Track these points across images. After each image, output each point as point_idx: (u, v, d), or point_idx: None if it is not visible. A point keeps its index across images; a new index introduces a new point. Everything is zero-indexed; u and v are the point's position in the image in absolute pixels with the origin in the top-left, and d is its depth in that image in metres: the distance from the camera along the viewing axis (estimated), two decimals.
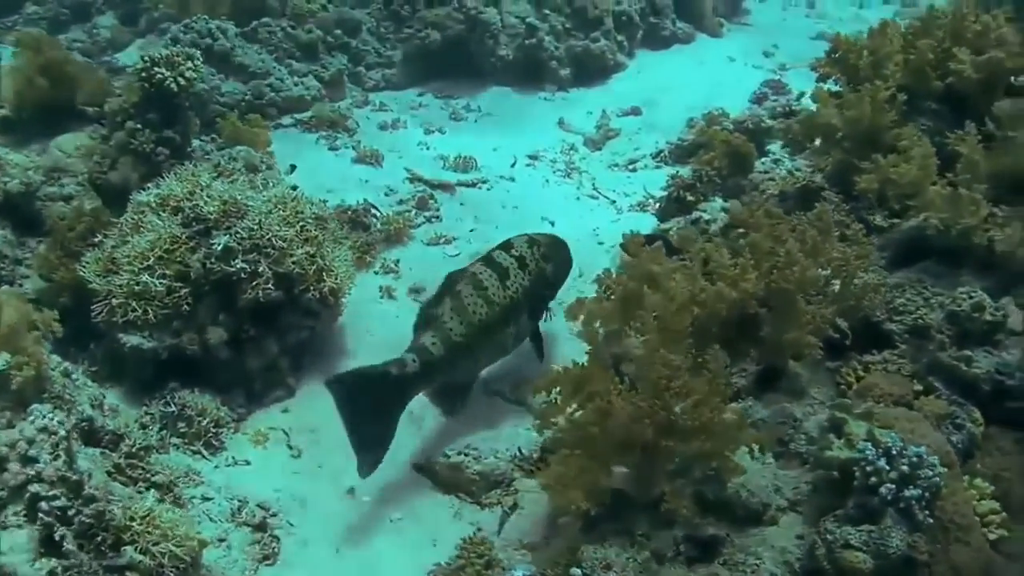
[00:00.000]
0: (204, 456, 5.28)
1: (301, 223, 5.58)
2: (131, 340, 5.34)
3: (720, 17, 11.12)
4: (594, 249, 7.06)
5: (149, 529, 4.12)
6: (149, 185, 5.81)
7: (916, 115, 5.85)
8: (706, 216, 6.38)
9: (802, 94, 8.24)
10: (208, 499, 4.98)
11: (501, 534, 4.90)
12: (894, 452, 3.73)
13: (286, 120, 8.32)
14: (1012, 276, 4.95)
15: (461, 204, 7.59)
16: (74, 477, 4.07)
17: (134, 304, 5.31)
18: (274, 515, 5.00)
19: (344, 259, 5.75)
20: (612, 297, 4.88)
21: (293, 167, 7.59)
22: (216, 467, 5.24)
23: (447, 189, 7.63)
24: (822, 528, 3.78)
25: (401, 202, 7.41)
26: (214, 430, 5.35)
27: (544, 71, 9.56)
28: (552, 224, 7.16)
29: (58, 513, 3.97)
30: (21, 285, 5.87)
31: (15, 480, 4.00)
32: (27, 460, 4.04)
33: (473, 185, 7.78)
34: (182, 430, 5.29)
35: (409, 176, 7.74)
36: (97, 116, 6.76)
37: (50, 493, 3.99)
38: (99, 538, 3.98)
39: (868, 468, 3.73)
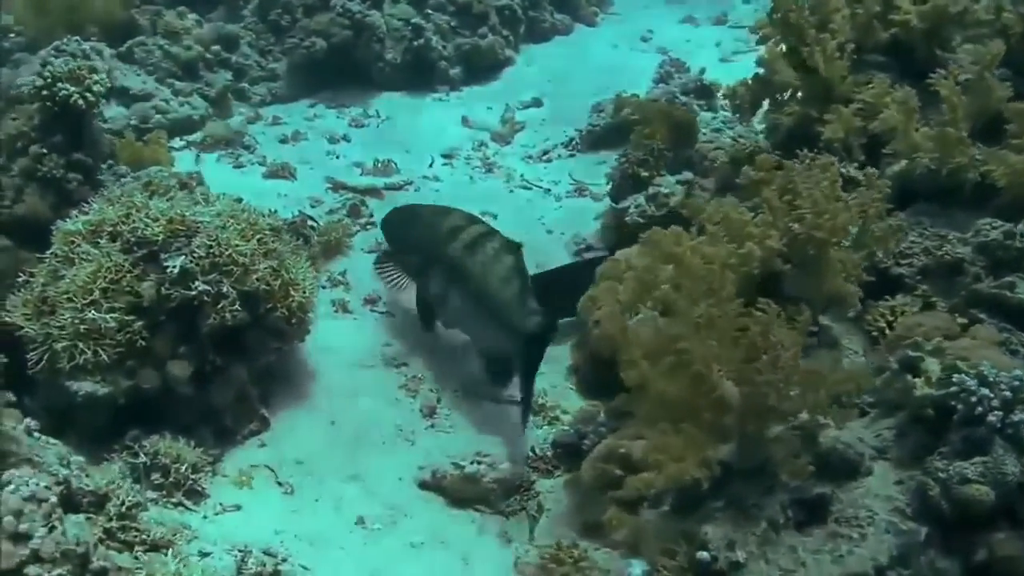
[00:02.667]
0: (188, 507, 4.67)
1: (258, 236, 5.01)
2: (83, 387, 4.69)
3: (593, 7, 10.89)
4: (545, 238, 6.88)
5: None
6: (75, 212, 5.12)
7: (864, 68, 5.76)
8: (664, 190, 6.14)
9: (703, 70, 8.31)
10: (207, 554, 4.37)
11: (534, 540, 4.61)
12: (991, 380, 3.53)
13: (176, 143, 7.63)
14: (1004, 209, 4.86)
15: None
16: (79, 550, 3.45)
17: (81, 346, 4.64)
18: (284, 560, 4.42)
19: (306, 271, 5.19)
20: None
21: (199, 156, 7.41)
22: (205, 517, 4.66)
23: (375, 194, 7.14)
24: (931, 468, 3.54)
25: (331, 211, 6.95)
26: (193, 476, 4.72)
27: (434, 72, 9.19)
28: (495, 217, 6.78)
29: None
30: None
31: (8, 563, 3.36)
32: (18, 537, 3.41)
33: (400, 188, 7.39)
34: (157, 481, 4.67)
35: (331, 185, 7.24)
36: None
37: (54, 573, 3.38)
38: None
39: (972, 399, 3.51)
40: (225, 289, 4.77)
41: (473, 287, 5.34)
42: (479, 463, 4.88)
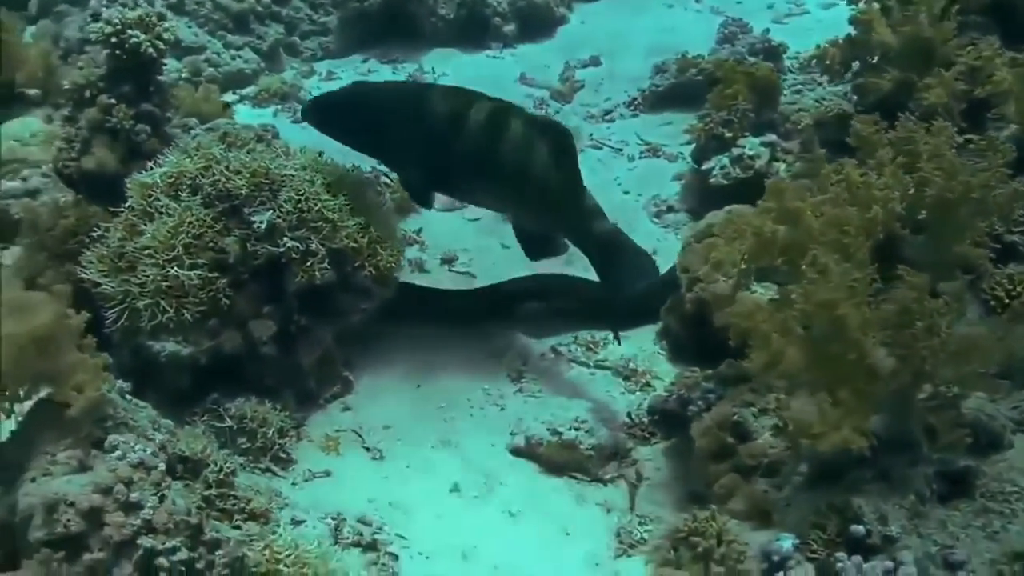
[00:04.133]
0: (276, 473, 4.47)
1: (344, 191, 4.77)
2: (166, 347, 4.46)
3: None
4: (622, 199, 6.65)
5: (303, 571, 3.31)
6: (149, 165, 4.88)
7: (963, 30, 5.49)
8: (748, 152, 5.92)
9: (767, 31, 8.09)
10: (300, 522, 4.18)
11: (635, 509, 4.44)
12: None
13: (228, 96, 7.39)
14: None
15: None
16: (192, 520, 3.24)
17: (164, 304, 4.42)
18: (380, 529, 4.21)
19: (392, 228, 4.97)
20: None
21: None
22: (294, 484, 4.47)
23: None
24: None
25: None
26: (280, 441, 4.51)
27: (488, 28, 8.94)
28: None
29: (182, 569, 3.18)
30: None
31: (120, 535, 3.14)
32: (130, 507, 3.19)
33: None
34: (244, 446, 4.45)
35: None
36: (42, 99, 5.73)
37: (168, 545, 3.18)
38: None
39: None
40: (314, 246, 4.56)
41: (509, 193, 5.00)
42: (576, 429, 4.66)
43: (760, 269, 4.35)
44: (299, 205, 4.55)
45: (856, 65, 5.84)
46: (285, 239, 4.51)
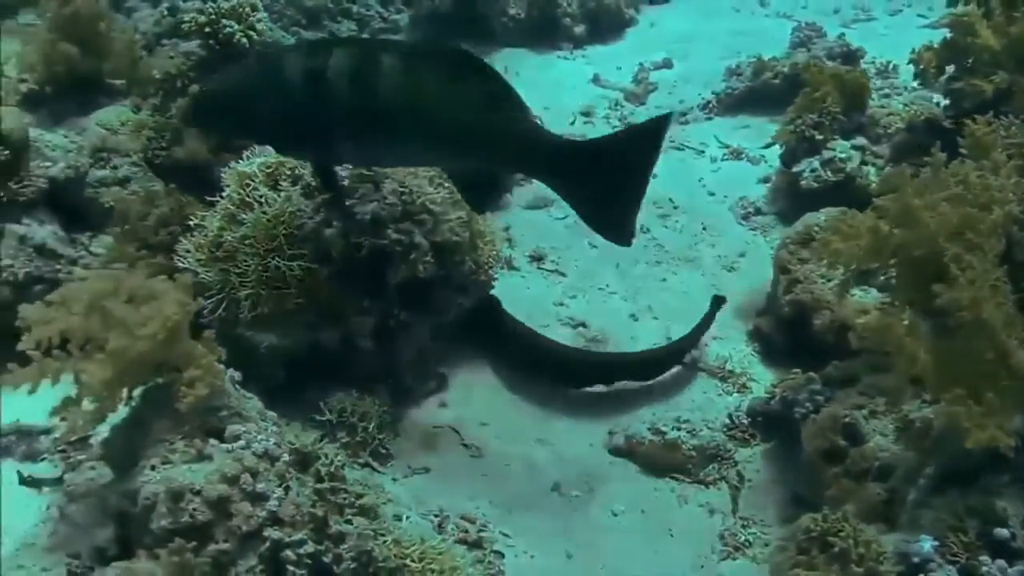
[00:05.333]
0: (376, 468, 4.40)
1: (447, 184, 4.71)
2: (265, 338, 4.39)
3: None
4: (707, 200, 6.60)
5: (430, 566, 3.25)
6: (246, 154, 4.83)
7: None
8: (840, 155, 5.82)
9: (842, 35, 8.11)
10: (401, 518, 4.09)
11: (738, 511, 4.41)
12: None
13: None
14: None
15: None
16: (318, 512, 3.17)
17: (264, 295, 4.35)
18: (484, 527, 4.15)
19: (492, 223, 4.90)
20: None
21: None
22: (394, 479, 4.39)
23: None
24: None
25: None
26: (379, 436, 4.44)
27: (558, 29, 8.88)
28: (654, 177, 6.45)
29: (309, 562, 3.12)
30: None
31: (248, 525, 3.08)
32: (256, 498, 3.13)
33: None
34: (343, 440, 4.38)
35: None
36: (127, 89, 5.70)
37: (294, 537, 3.12)
38: None
39: None
40: (418, 239, 4.48)
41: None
42: (679, 429, 4.60)
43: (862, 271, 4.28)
44: (403, 197, 4.47)
45: (951, 69, 5.71)
46: (389, 231, 4.42)
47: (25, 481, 4.31)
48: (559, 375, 4.95)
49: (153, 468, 3.26)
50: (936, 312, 3.58)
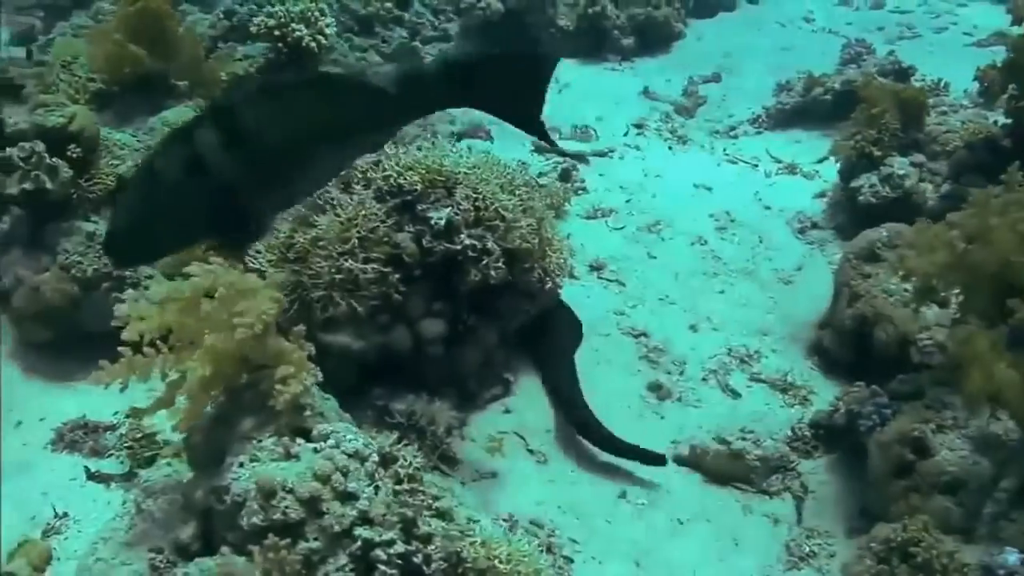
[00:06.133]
0: (445, 472, 4.41)
1: (517, 191, 4.74)
2: (337, 340, 4.42)
3: None
4: (763, 214, 6.60)
5: (518, 569, 3.26)
6: None
7: None
8: (898, 171, 5.84)
9: (892, 52, 8.15)
10: (475, 521, 4.09)
11: (802, 522, 4.41)
12: None
13: None
14: None
15: (600, 175, 6.93)
16: (408, 513, 3.19)
17: (337, 297, 4.39)
18: (553, 532, 4.17)
19: (559, 230, 4.93)
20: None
21: None
22: (463, 483, 4.41)
23: (580, 159, 6.89)
24: None
25: (540, 174, 6.63)
26: (447, 440, 4.47)
27: (607, 40, 8.94)
28: (709, 190, 6.57)
29: (399, 562, 3.10)
30: (146, 287, 4.85)
31: (340, 525, 3.10)
32: (347, 497, 3.15)
33: (604, 155, 7.12)
34: (413, 444, 4.39)
35: (534, 147, 6.97)
36: (189, 90, 5.76)
37: (385, 537, 3.11)
38: None
39: None
40: (490, 245, 4.51)
41: None
42: (744, 439, 4.61)
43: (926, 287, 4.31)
44: (476, 203, 4.50)
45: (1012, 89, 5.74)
46: (462, 237, 4.45)
47: (93, 476, 4.36)
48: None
49: (241, 465, 3.27)
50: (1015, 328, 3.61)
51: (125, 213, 3.87)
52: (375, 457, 3.31)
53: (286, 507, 3.09)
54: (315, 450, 3.32)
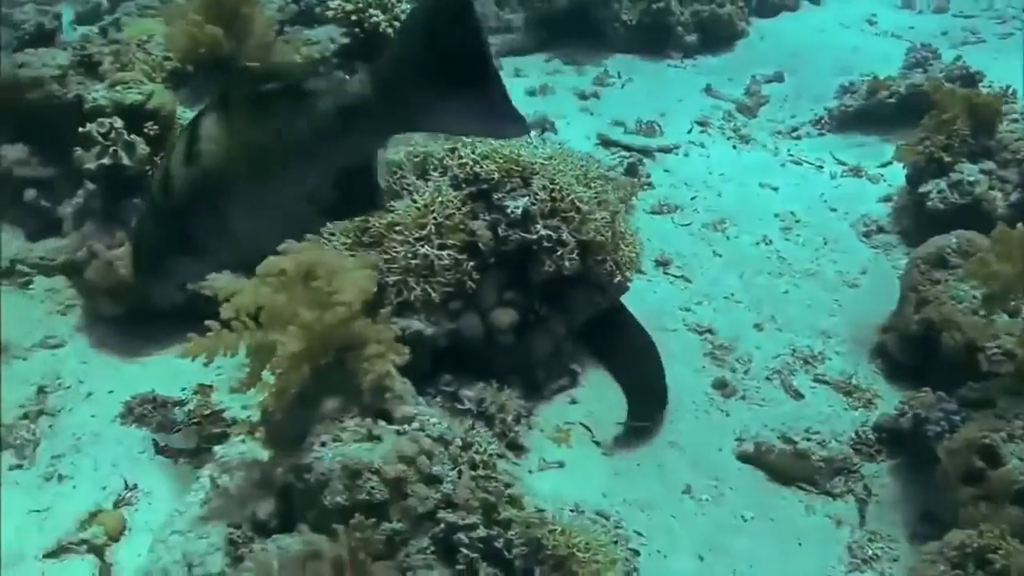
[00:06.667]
0: (512, 460, 4.44)
1: (592, 183, 4.76)
2: (411, 325, 4.44)
3: None
4: (828, 215, 6.59)
5: (595, 557, 3.28)
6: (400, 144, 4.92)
7: None
8: (968, 178, 5.81)
9: (959, 57, 7.94)
10: (540, 511, 4.12)
11: (865, 525, 4.40)
12: None
13: None
14: None
15: (666, 171, 6.94)
16: (490, 498, 3.21)
17: (411, 282, 4.42)
18: (618, 524, 4.19)
19: (631, 224, 4.95)
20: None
21: None
22: (530, 472, 4.45)
23: (646, 154, 6.89)
24: None
25: (608, 168, 6.64)
26: (515, 429, 4.50)
27: (669, 37, 8.92)
28: (775, 190, 6.56)
29: (481, 547, 3.13)
30: None
31: (423, 507, 3.12)
32: (431, 480, 3.17)
33: (669, 151, 7.10)
34: (481, 431, 4.42)
35: (600, 141, 6.97)
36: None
37: (468, 521, 3.14)
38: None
39: None
40: (565, 236, 4.53)
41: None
42: (809, 439, 4.62)
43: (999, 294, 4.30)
44: (553, 194, 4.52)
45: None
46: (538, 227, 4.47)
47: (161, 450, 4.41)
48: None
49: (324, 445, 3.30)
50: None
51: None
52: (458, 442, 3.33)
53: (371, 487, 3.12)
54: (398, 432, 3.34)
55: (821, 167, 7.12)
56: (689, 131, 7.54)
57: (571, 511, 4.21)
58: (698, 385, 5.02)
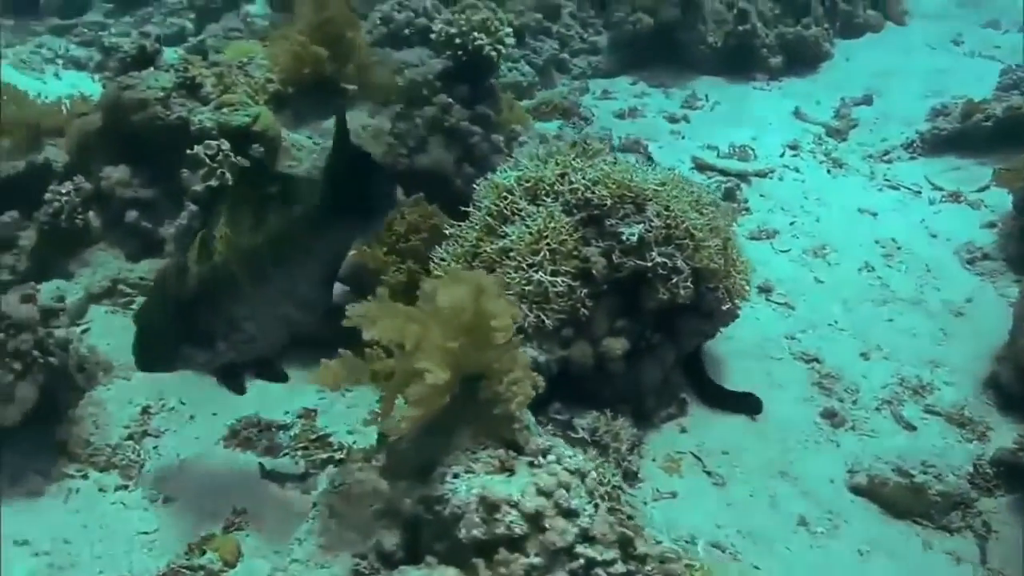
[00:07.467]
0: (625, 489, 4.36)
1: (704, 209, 4.71)
2: (526, 351, 4.38)
3: (903, 6, 10.46)
4: (929, 242, 6.48)
5: None
6: (502, 167, 4.90)
7: None
8: None
9: None
10: (657, 542, 4.06)
11: (987, 563, 4.26)
12: None
13: None
14: None
15: (762, 195, 6.88)
16: (628, 532, 3.16)
17: (524, 308, 4.38)
18: (735, 558, 4.13)
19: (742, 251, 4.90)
20: None
21: None
22: (644, 503, 4.36)
23: (743, 179, 6.83)
24: None
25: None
26: (629, 458, 4.44)
27: (755, 59, 8.87)
28: (874, 215, 6.48)
29: None
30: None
31: (562, 541, 3.08)
32: (569, 513, 3.13)
33: (765, 175, 7.03)
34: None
35: (694, 165, 6.93)
36: (359, 94, 5.80)
37: (606, 556, 3.10)
38: None
39: None
40: (679, 263, 4.48)
41: None
42: (926, 472, 4.52)
43: None
44: (667, 220, 4.48)
45: None
46: (653, 254, 4.43)
47: (268, 475, 4.40)
48: None
49: (456, 476, 3.27)
50: None
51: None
52: (594, 474, 3.29)
53: (511, 521, 3.08)
54: (530, 464, 3.31)
55: (919, 192, 7.01)
56: (781, 155, 7.48)
57: (685, 542, 4.14)
58: (806, 415, 4.94)
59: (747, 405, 4.94)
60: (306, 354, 4.29)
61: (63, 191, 5.26)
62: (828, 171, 7.34)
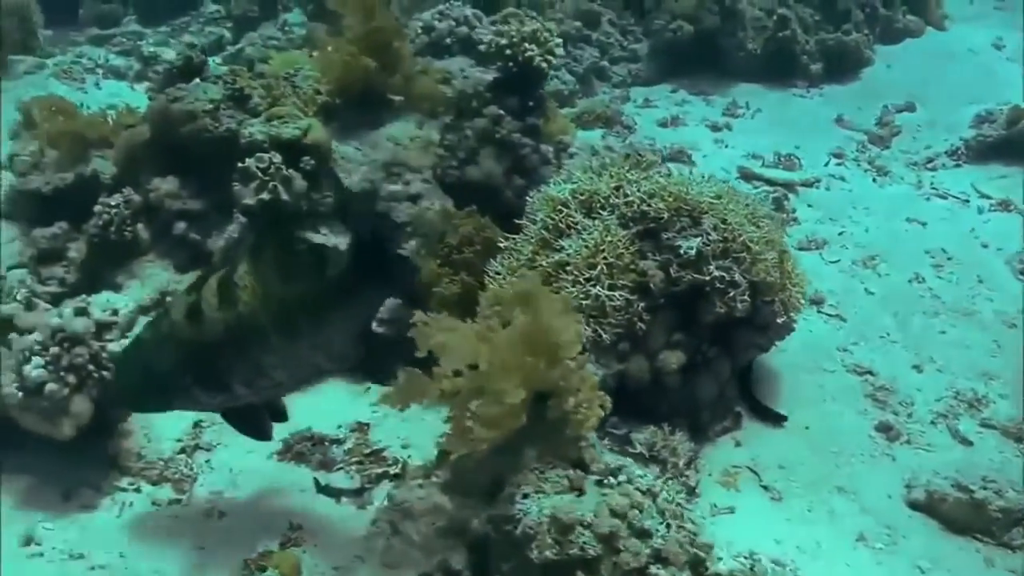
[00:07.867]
0: (682, 505, 4.33)
1: (760, 222, 4.67)
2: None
3: (942, 10, 10.40)
4: (980, 252, 6.42)
5: None
6: (555, 179, 4.87)
7: None
8: None
9: None
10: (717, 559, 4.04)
11: None
12: None
13: None
14: None
15: (809, 205, 6.84)
16: (700, 553, 3.15)
17: (583, 323, 4.35)
18: (795, 573, 4.10)
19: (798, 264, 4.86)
20: None
21: None
22: (703, 518, 4.33)
23: (789, 189, 6.80)
24: None
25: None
26: (687, 472, 4.41)
27: (795, 65, 8.84)
28: (923, 225, 6.43)
29: None
30: None
31: (636, 562, 3.06)
32: (642, 534, 3.12)
33: (811, 184, 6.99)
34: (654, 475, 4.35)
35: (740, 175, 6.90)
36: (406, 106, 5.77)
37: None
38: None
39: None
40: (736, 277, 4.45)
41: None
42: (986, 488, 4.47)
43: None
44: (724, 234, 4.45)
45: None
46: (711, 267, 4.40)
47: (323, 489, 4.39)
48: None
49: (526, 496, 3.26)
50: None
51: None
52: (666, 495, 3.27)
53: (584, 542, 3.08)
54: (599, 483, 3.29)
55: (967, 201, 6.96)
56: (826, 164, 7.45)
57: (745, 558, 4.10)
58: (861, 428, 4.92)
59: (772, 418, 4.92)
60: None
61: (112, 203, 5.26)
62: (874, 179, 7.31)
